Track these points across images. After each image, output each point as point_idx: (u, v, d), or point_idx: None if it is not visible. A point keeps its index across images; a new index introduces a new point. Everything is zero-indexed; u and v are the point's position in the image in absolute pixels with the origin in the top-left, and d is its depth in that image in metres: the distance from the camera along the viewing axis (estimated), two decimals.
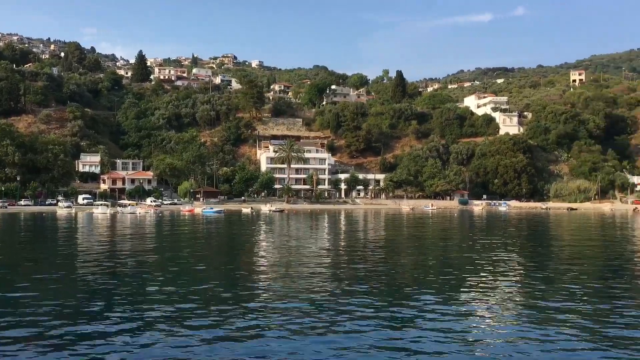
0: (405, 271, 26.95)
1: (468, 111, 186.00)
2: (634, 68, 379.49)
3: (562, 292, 20.63)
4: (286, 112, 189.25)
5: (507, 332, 15.15)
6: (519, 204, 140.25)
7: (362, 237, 48.78)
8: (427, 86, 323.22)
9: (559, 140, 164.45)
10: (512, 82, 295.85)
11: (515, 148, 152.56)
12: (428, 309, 17.52)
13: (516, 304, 18.82)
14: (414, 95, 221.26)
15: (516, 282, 23.43)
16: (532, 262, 31.20)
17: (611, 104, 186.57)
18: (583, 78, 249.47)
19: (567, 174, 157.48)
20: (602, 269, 29.02)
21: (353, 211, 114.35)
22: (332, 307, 17.77)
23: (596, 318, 16.63)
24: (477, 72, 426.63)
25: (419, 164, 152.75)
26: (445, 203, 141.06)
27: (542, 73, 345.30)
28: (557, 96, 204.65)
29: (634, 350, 13.39)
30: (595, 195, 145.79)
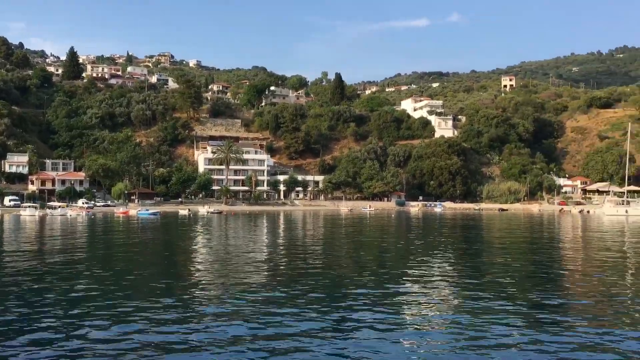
0: (343, 271, 27.10)
1: (405, 114, 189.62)
2: (560, 75, 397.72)
3: (493, 289, 21.24)
4: (225, 112, 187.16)
5: (439, 329, 15.42)
6: (453, 205, 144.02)
7: (301, 238, 48.78)
8: (366, 89, 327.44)
9: (491, 144, 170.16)
10: (447, 86, 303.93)
11: (450, 151, 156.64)
12: (364, 308, 17.64)
13: (449, 300, 19.23)
14: (352, 97, 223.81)
15: (449, 279, 23.97)
16: (465, 260, 32.04)
17: (539, 109, 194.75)
18: (513, 83, 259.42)
19: (498, 176, 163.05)
20: (530, 265, 30.12)
21: (292, 212, 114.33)
22: (269, 309, 17.62)
23: (525, 311, 17.20)
24: (414, 75, 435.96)
25: (357, 166, 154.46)
26: (382, 204, 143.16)
27: (475, 78, 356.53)
28: (490, 101, 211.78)
29: (561, 341, 13.93)
30: (524, 197, 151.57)
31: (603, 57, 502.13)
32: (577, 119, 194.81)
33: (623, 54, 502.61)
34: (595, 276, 25.50)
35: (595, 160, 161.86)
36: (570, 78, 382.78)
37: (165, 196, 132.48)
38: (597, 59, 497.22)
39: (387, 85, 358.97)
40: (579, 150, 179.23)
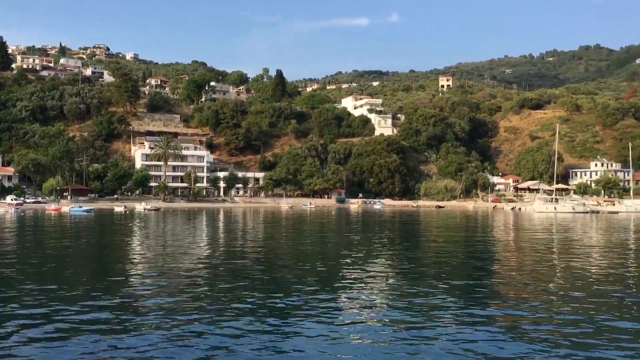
0: (283, 268, 27.07)
1: (345, 112, 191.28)
2: (494, 76, 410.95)
3: (431, 284, 21.72)
4: (163, 107, 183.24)
5: (378, 324, 15.63)
6: (392, 202, 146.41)
7: (241, 236, 48.39)
8: (307, 86, 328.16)
9: (429, 142, 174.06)
10: (386, 85, 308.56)
11: (389, 149, 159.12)
12: (303, 304, 17.67)
13: (388, 295, 19.53)
14: (293, 94, 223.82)
15: (388, 275, 24.34)
16: (403, 256, 32.62)
17: (475, 109, 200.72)
18: (450, 84, 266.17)
19: (436, 173, 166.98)
20: (465, 260, 31.00)
21: (232, 209, 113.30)
22: (207, 307, 17.41)
23: (461, 304, 17.67)
24: (355, 74, 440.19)
25: (298, 163, 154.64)
26: (323, 201, 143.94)
27: (414, 78, 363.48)
28: (428, 100, 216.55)
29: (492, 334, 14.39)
30: (460, 194, 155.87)
31: (534, 60, 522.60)
32: (510, 119, 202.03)
33: (553, 57, 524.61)
34: (526, 269, 26.50)
35: (527, 160, 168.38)
36: (504, 80, 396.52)
37: (100, 193, 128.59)
38: (529, 61, 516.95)
39: (328, 83, 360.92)
40: (512, 150, 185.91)
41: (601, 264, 28.86)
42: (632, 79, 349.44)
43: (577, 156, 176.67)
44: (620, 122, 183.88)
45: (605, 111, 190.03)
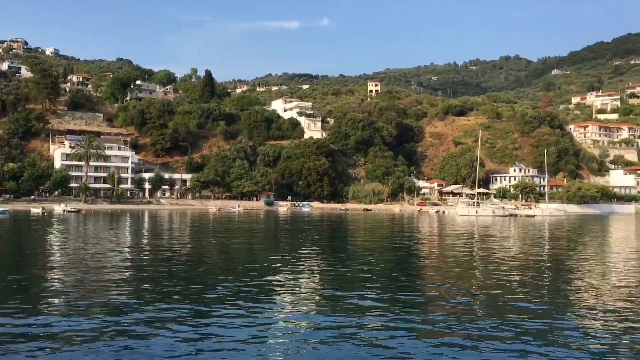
0: (208, 271, 26.56)
1: (275, 114, 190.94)
2: (421, 83, 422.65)
3: (354, 285, 21.90)
4: (85, 105, 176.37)
5: (307, 327, 15.59)
6: (321, 205, 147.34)
7: (167, 238, 47.18)
8: (236, 87, 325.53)
9: (357, 146, 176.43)
10: (316, 88, 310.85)
11: (318, 152, 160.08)
12: (227, 307, 17.38)
13: (315, 298, 19.53)
14: (222, 95, 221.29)
15: (315, 278, 24.37)
16: (331, 258, 32.79)
17: (402, 114, 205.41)
18: (379, 89, 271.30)
19: (363, 177, 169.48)
20: (391, 261, 31.53)
21: (158, 211, 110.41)
22: (124, 314, 16.79)
23: (387, 305, 17.90)
24: (285, 77, 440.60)
25: (226, 165, 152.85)
26: (251, 204, 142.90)
27: (343, 82, 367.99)
28: (357, 104, 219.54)
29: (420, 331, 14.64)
30: (387, 197, 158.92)
31: (458, 69, 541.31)
32: (435, 125, 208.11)
33: (475, 66, 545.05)
34: (448, 269, 27.25)
35: (450, 164, 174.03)
36: (430, 86, 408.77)
37: (15, 193, 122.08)
38: (454, 69, 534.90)
39: (258, 85, 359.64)
40: (436, 155, 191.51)
41: (519, 265, 30.10)
42: (548, 89, 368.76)
43: (497, 162, 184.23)
44: (537, 130, 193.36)
45: (524, 119, 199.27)
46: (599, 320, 16.61)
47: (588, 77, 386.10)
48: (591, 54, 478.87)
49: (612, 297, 20.55)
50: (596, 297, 20.34)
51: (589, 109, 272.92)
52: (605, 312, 17.62)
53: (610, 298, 20.28)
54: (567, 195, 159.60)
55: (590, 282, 24.22)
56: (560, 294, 21.40)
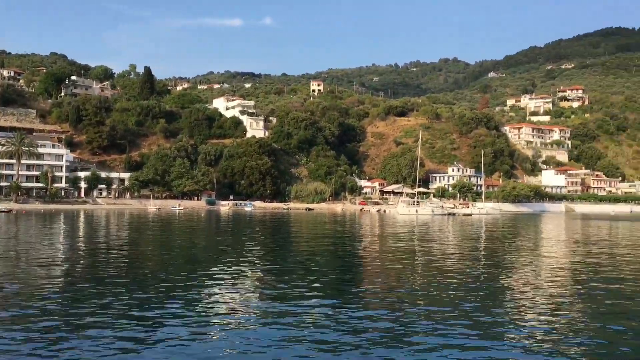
0: (147, 271, 25.93)
1: (217, 113, 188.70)
2: (363, 83, 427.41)
3: (300, 283, 21.89)
4: (17, 101, 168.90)
5: (249, 326, 15.45)
6: (263, 205, 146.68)
7: (102, 239, 45.78)
8: (177, 85, 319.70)
9: (300, 145, 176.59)
10: (259, 87, 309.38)
11: (260, 151, 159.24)
12: (167, 307, 17.02)
13: (258, 296, 19.39)
14: (163, 93, 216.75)
15: (257, 276, 24.20)
16: (273, 256, 32.66)
17: (344, 114, 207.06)
18: (321, 89, 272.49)
19: (306, 176, 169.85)
20: (333, 259, 31.69)
21: (94, 211, 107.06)
22: (61, 314, 16.18)
23: (329, 302, 17.96)
24: (227, 75, 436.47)
25: (166, 164, 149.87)
26: (192, 203, 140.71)
27: (286, 81, 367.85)
28: (299, 104, 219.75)
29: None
30: (329, 197, 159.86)
31: (399, 70, 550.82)
32: (377, 125, 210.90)
33: (416, 68, 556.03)
34: (388, 266, 27.63)
35: (391, 164, 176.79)
36: (372, 87, 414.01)
37: None
38: (395, 71, 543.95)
39: (200, 83, 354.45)
40: (378, 154, 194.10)
41: (456, 261, 30.86)
42: (485, 91, 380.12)
43: (436, 162, 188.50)
44: (474, 131, 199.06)
45: (462, 120, 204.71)
46: (531, 312, 17.21)
47: (522, 80, 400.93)
48: (525, 58, 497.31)
49: (544, 290, 21.35)
50: (528, 290, 21.08)
51: (523, 111, 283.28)
52: (536, 303, 18.28)
53: (542, 291, 21.06)
54: (503, 195, 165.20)
55: (522, 276, 25.09)
56: (495, 287, 22.06)
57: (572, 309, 17.96)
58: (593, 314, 17.33)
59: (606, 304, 18.89)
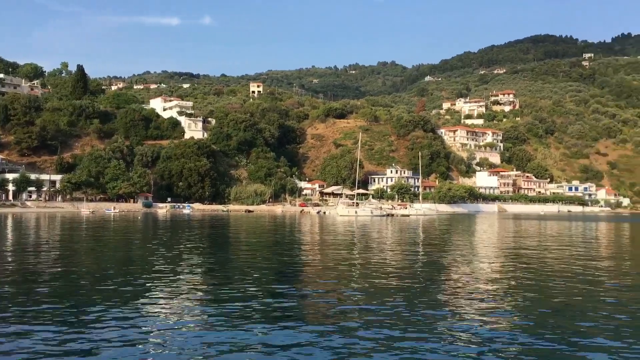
0: (81, 277, 25.07)
1: (154, 113, 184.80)
2: (302, 85, 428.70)
3: (240, 287, 21.72)
4: None
5: (186, 331, 15.21)
6: (202, 207, 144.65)
7: (32, 245, 43.91)
8: (112, 84, 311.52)
9: (240, 147, 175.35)
10: (197, 87, 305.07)
11: (199, 152, 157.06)
12: (103, 313, 16.53)
13: (196, 302, 19.11)
14: (96, 92, 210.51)
15: (196, 280, 23.85)
16: (212, 260, 32.27)
17: (284, 116, 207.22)
18: (261, 90, 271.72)
19: (246, 178, 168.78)
20: (273, 261, 31.61)
21: (23, 215, 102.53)
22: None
23: (269, 306, 17.91)
24: (164, 75, 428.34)
25: (101, 165, 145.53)
26: (128, 206, 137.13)
27: (225, 82, 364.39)
28: (239, 105, 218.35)
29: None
30: (269, 198, 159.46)
31: (339, 72, 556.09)
32: (317, 127, 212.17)
33: (355, 70, 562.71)
34: (327, 266, 27.81)
35: (331, 166, 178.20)
36: (311, 89, 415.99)
37: None
38: (334, 73, 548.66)
39: (136, 83, 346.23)
40: (318, 156, 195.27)
41: (395, 260, 31.42)
42: (422, 94, 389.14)
43: (375, 163, 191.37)
44: (411, 133, 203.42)
45: (399, 123, 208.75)
46: (467, 308, 17.73)
47: (457, 84, 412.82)
48: (460, 63, 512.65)
49: (479, 285, 22.04)
50: (463, 287, 21.71)
51: (458, 114, 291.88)
52: (472, 300, 18.86)
53: (477, 287, 21.73)
54: (439, 195, 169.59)
55: (457, 273, 25.81)
56: (431, 284, 22.60)
57: (505, 304, 18.63)
58: (524, 307, 18.04)
59: (535, 298, 19.70)
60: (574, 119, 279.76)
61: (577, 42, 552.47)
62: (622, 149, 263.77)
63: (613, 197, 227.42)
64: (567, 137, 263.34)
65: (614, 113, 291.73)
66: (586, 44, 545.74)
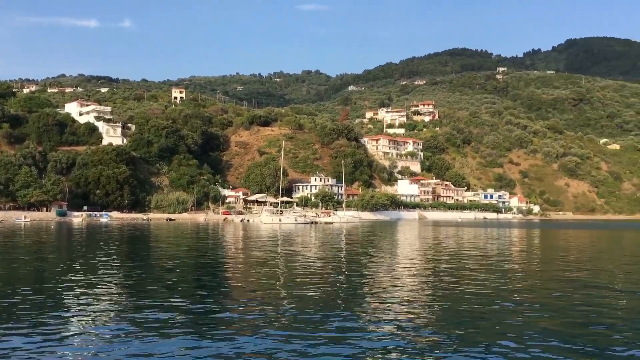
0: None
1: (70, 118, 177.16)
2: (226, 92, 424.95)
3: (159, 297, 21.03)
4: None
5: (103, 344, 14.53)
6: (121, 215, 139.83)
7: None
8: (24, 87, 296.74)
9: (161, 154, 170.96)
10: (117, 92, 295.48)
11: (118, 159, 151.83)
12: (15, 324, 15.51)
13: (113, 313, 18.32)
14: (6, 95, 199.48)
15: (113, 292, 22.90)
16: (131, 270, 31.14)
17: (207, 123, 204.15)
18: (184, 96, 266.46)
19: (167, 186, 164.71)
20: (195, 270, 30.90)
21: None
22: None
23: (187, 316, 17.42)
24: (81, 78, 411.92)
25: (10, 172, 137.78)
26: (41, 215, 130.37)
27: (146, 87, 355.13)
28: (160, 111, 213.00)
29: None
30: (192, 207, 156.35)
31: (263, 80, 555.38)
32: (241, 135, 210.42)
33: (279, 78, 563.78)
34: (251, 275, 27.49)
35: (255, 173, 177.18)
36: (236, 96, 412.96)
37: None
38: (259, 80, 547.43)
39: (50, 86, 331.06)
40: (242, 164, 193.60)
41: (318, 267, 31.50)
42: (345, 103, 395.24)
43: (299, 171, 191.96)
44: (335, 142, 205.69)
45: (324, 131, 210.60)
46: (388, 313, 17.98)
47: (380, 94, 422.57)
48: (382, 73, 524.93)
49: (401, 291, 22.43)
50: (387, 292, 22.02)
51: (381, 123, 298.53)
52: (393, 303, 19.15)
53: (399, 292, 22.11)
54: (362, 203, 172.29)
55: (380, 278, 26.19)
56: (354, 291, 22.79)
57: (426, 306, 19.03)
58: (442, 309, 18.51)
59: (453, 300, 20.27)
60: (489, 130, 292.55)
61: (491, 56, 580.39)
62: (532, 159, 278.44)
63: (525, 205, 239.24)
64: (483, 147, 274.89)
65: (525, 125, 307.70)
66: (500, 58, 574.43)
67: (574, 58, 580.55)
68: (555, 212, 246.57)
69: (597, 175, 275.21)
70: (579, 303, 20.80)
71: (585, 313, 18.87)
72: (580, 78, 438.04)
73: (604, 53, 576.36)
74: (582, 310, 19.31)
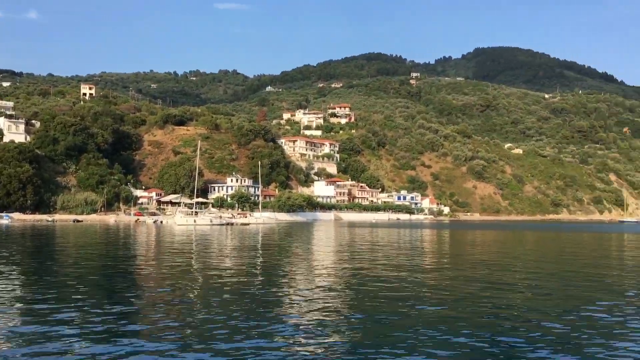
0: None
1: None
2: (140, 89, 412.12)
3: (66, 300, 20.04)
4: None
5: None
6: (23, 217, 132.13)
7: None
8: None
9: (68, 152, 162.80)
10: (20, 87, 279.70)
11: (21, 157, 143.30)
12: None
13: (12, 321, 17.26)
14: None
15: (12, 300, 21.59)
16: (35, 275, 29.52)
17: (119, 121, 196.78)
18: (93, 93, 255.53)
19: (75, 186, 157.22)
20: (106, 274, 29.75)
21: None
22: None
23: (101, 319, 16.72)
24: None
25: None
26: None
27: (52, 82, 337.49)
28: (68, 107, 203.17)
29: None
30: (101, 207, 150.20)
31: (179, 78, 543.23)
32: (155, 134, 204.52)
33: (196, 77, 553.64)
34: (163, 278, 26.77)
35: (169, 174, 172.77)
36: (149, 94, 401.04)
37: None
38: (174, 79, 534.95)
39: None
40: (155, 164, 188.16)
41: (233, 268, 31.16)
42: (263, 104, 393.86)
43: (215, 172, 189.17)
44: (252, 143, 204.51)
45: (240, 132, 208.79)
46: (306, 311, 18.06)
47: (297, 95, 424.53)
48: (300, 75, 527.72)
49: (319, 289, 22.59)
50: (304, 290, 22.11)
51: (298, 125, 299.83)
52: (308, 304, 19.26)
53: (317, 290, 22.26)
54: (279, 204, 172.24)
55: (296, 279, 26.28)
56: (270, 292, 22.72)
57: (342, 306, 19.27)
58: (359, 308, 18.81)
59: (370, 300, 20.67)
60: (402, 133, 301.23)
61: (405, 62, 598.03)
62: (443, 162, 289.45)
63: (435, 206, 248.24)
64: (397, 150, 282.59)
65: (437, 129, 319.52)
66: (413, 64, 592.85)
67: (482, 66, 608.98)
68: (463, 213, 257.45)
69: (502, 178, 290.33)
70: (482, 299, 21.79)
71: (487, 309, 19.79)
72: (487, 85, 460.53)
73: (509, 62, 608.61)
74: (484, 306, 20.23)
